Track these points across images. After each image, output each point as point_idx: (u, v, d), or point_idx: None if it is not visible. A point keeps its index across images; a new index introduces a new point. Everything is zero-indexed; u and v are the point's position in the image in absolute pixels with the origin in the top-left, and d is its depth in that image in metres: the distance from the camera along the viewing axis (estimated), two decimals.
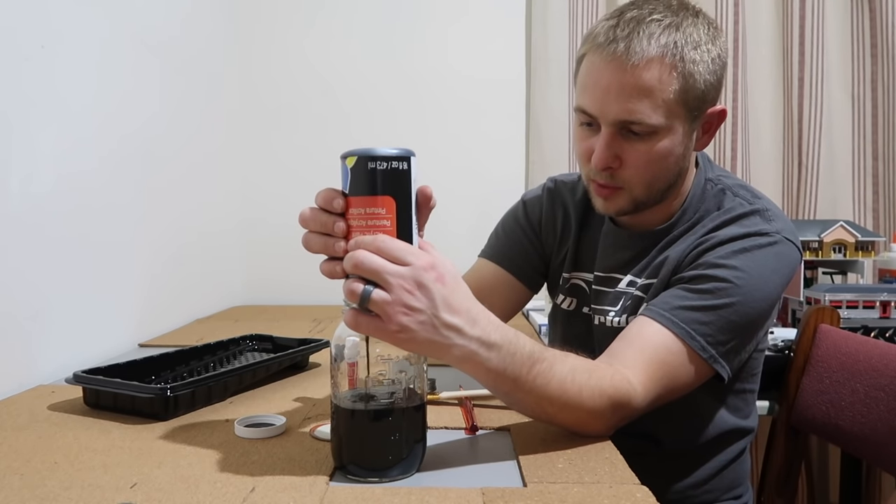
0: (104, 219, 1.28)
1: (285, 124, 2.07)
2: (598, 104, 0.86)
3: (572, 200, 1.07)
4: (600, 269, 1.01)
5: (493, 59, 2.08)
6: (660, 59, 0.83)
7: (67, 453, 0.73)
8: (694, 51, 0.84)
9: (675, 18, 0.85)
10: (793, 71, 2.05)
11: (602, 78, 0.85)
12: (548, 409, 0.72)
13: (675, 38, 0.84)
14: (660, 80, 0.83)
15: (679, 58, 0.84)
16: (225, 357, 1.13)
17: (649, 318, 0.83)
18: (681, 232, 0.94)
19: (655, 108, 0.84)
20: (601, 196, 0.93)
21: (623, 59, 0.83)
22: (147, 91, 1.47)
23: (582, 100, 0.89)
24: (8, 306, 1.02)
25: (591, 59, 0.87)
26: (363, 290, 0.61)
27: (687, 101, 0.86)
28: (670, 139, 0.87)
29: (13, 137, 1.03)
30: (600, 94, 0.86)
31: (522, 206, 1.13)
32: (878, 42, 2.02)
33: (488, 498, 0.61)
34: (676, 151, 0.89)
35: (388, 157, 0.63)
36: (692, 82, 0.85)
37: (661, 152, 0.87)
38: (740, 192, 0.94)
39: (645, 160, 0.87)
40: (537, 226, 1.10)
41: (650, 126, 0.85)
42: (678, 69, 0.84)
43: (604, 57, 0.85)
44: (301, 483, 0.65)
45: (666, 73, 0.83)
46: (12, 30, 1.03)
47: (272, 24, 2.06)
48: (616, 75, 0.84)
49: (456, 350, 0.65)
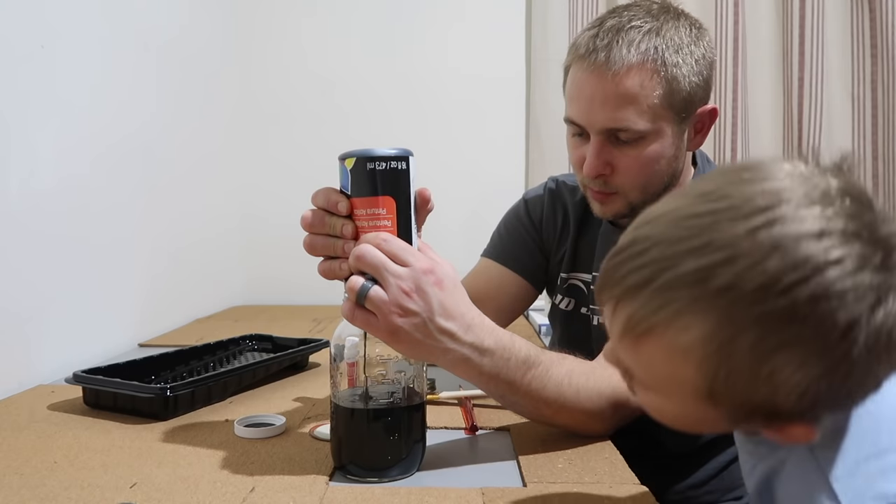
0: (104, 218, 1.28)
1: (284, 124, 2.07)
2: (584, 114, 0.87)
3: (572, 201, 1.07)
4: (598, 270, 1.01)
5: (493, 58, 2.08)
6: (640, 66, 0.83)
7: (67, 453, 0.73)
8: (676, 54, 0.84)
9: (655, 23, 0.85)
10: (793, 71, 2.05)
11: (586, 88, 0.86)
12: (545, 412, 0.73)
13: (656, 44, 0.84)
14: (642, 85, 0.83)
15: (661, 62, 0.84)
16: (225, 357, 1.13)
17: None
18: None
19: (641, 113, 0.84)
20: (598, 201, 0.94)
21: (604, 69, 0.83)
22: (146, 91, 1.47)
23: (570, 111, 0.90)
24: (8, 306, 1.02)
25: (574, 71, 0.88)
26: (361, 285, 0.61)
27: (673, 104, 0.86)
28: (660, 143, 0.87)
29: (12, 137, 1.03)
30: (585, 104, 0.86)
31: (524, 205, 1.13)
32: (878, 42, 2.02)
33: (488, 498, 0.61)
34: (667, 154, 0.89)
35: (387, 158, 0.63)
36: (676, 85, 0.85)
37: (652, 156, 0.88)
38: None
39: (636, 165, 0.88)
40: (539, 224, 1.10)
41: (637, 132, 0.85)
42: (660, 73, 0.84)
43: (585, 67, 0.85)
44: (301, 483, 0.65)
45: (648, 78, 0.83)
46: (12, 30, 1.03)
47: (271, 23, 2.06)
48: (599, 85, 0.84)
49: (449, 355, 0.65)
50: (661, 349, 0.46)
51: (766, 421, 0.47)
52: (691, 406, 0.48)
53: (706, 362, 0.44)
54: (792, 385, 0.43)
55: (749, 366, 0.43)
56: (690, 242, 0.44)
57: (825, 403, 0.45)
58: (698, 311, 0.43)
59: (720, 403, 0.46)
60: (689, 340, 0.44)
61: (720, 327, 0.43)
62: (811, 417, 0.46)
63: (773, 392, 0.44)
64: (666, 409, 0.51)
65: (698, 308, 0.43)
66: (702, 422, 0.51)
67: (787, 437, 0.47)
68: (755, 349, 0.43)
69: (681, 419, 0.51)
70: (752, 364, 0.43)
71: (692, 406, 0.47)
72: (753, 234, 0.42)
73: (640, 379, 0.51)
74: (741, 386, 0.44)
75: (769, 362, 0.43)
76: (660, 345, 0.46)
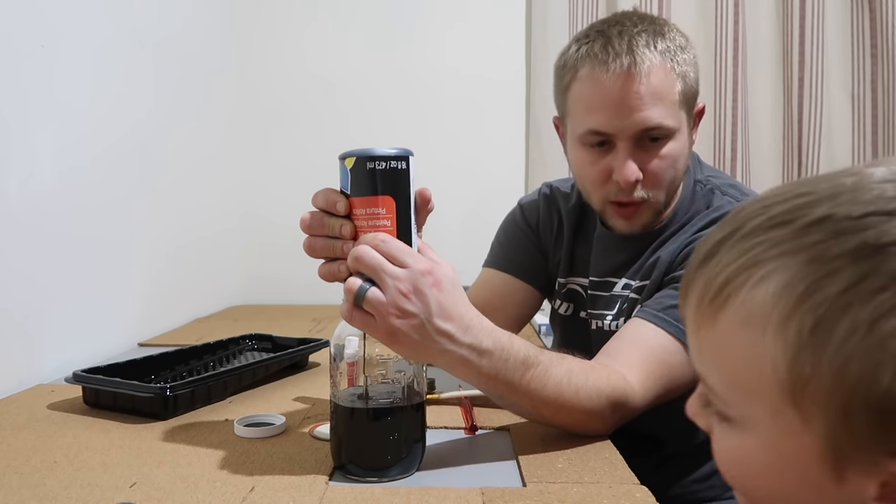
0: (103, 218, 1.28)
1: (284, 123, 2.07)
2: (614, 119, 0.86)
3: (566, 207, 1.08)
4: (595, 274, 1.02)
5: (493, 58, 2.08)
6: (662, 65, 0.86)
7: (67, 452, 0.73)
8: (683, 53, 0.88)
9: (654, 27, 0.88)
10: (793, 71, 2.05)
11: (614, 93, 0.85)
12: (544, 412, 0.73)
13: (667, 44, 0.87)
14: (666, 83, 0.86)
15: (676, 61, 0.87)
16: (224, 356, 1.13)
17: (643, 320, 0.84)
18: (671, 233, 0.95)
19: (668, 111, 0.86)
20: (623, 216, 0.92)
21: (633, 70, 0.84)
22: (145, 90, 1.47)
23: (593, 121, 0.88)
24: (8, 305, 1.02)
25: (592, 80, 0.87)
26: (359, 287, 0.61)
27: (687, 101, 0.89)
28: (681, 140, 0.90)
29: (12, 137, 1.03)
30: (615, 109, 0.86)
31: (520, 210, 1.13)
32: (878, 42, 2.02)
33: (488, 498, 0.61)
34: (685, 152, 0.91)
35: (387, 157, 0.63)
36: (688, 82, 0.89)
37: (675, 154, 0.89)
38: (729, 191, 0.96)
39: (664, 165, 0.89)
40: (536, 227, 1.10)
41: (668, 129, 0.87)
42: (676, 71, 0.87)
43: (610, 74, 0.85)
44: (300, 483, 0.65)
45: (669, 76, 0.86)
46: (12, 29, 1.03)
47: (271, 22, 2.06)
48: (628, 86, 0.85)
49: (447, 356, 0.65)
50: (737, 319, 0.35)
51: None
52: (776, 429, 0.35)
53: (786, 323, 0.33)
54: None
55: (845, 323, 0.31)
56: (783, 195, 0.36)
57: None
58: (782, 255, 0.34)
59: (812, 402, 0.33)
60: (768, 294, 0.34)
61: (806, 269, 0.33)
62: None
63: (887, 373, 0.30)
64: (747, 450, 0.37)
65: (782, 250, 0.34)
66: (797, 468, 0.35)
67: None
68: (846, 295, 0.31)
69: (768, 468, 0.36)
70: (849, 318, 0.31)
71: (777, 428, 0.35)
72: (860, 178, 0.34)
73: (716, 392, 0.38)
74: (836, 360, 0.31)
75: (870, 314, 0.30)
76: (737, 313, 0.35)
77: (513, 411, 0.76)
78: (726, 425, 0.38)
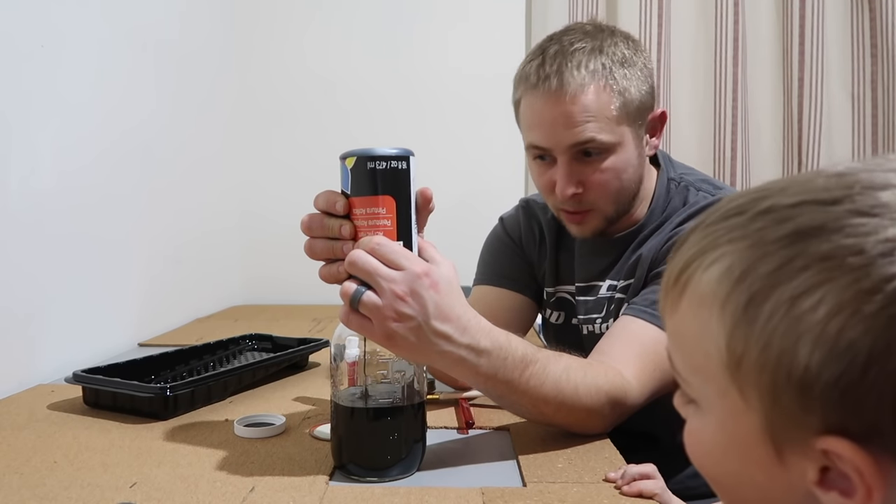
0: (104, 217, 1.28)
1: (285, 123, 2.06)
2: (548, 137, 0.89)
3: (545, 218, 1.09)
4: (580, 280, 1.03)
5: (494, 58, 2.07)
6: (593, 84, 0.86)
7: (67, 452, 0.73)
8: (622, 68, 0.88)
9: (595, 42, 0.88)
10: (793, 71, 2.04)
11: (546, 114, 0.88)
12: (544, 410, 0.73)
13: (602, 61, 0.87)
14: (598, 101, 0.86)
15: (611, 78, 0.87)
16: (224, 357, 1.13)
17: (632, 316, 0.85)
18: (651, 230, 0.97)
19: (602, 127, 0.87)
20: (574, 222, 0.95)
21: (560, 93, 0.86)
22: (146, 90, 1.47)
23: (532, 137, 0.91)
24: (8, 305, 1.02)
25: (529, 101, 0.90)
26: (354, 291, 0.61)
27: (629, 115, 0.89)
28: (625, 153, 0.90)
29: (13, 136, 1.03)
30: (548, 128, 0.88)
31: (501, 225, 1.15)
32: (878, 42, 2.02)
33: (488, 498, 0.61)
34: (633, 162, 0.92)
35: (388, 157, 0.63)
36: (629, 96, 0.88)
37: (620, 166, 0.90)
38: (702, 186, 0.97)
39: (606, 178, 0.90)
40: (519, 240, 1.11)
41: (603, 143, 0.88)
42: (613, 88, 0.87)
43: (540, 95, 0.87)
44: (301, 483, 0.65)
45: (603, 94, 0.87)
46: (12, 29, 1.03)
47: (271, 22, 2.06)
48: (558, 108, 0.86)
49: (446, 357, 0.65)
50: (693, 302, 0.37)
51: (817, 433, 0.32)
52: (723, 409, 0.36)
53: (726, 303, 0.35)
54: (826, 337, 0.31)
55: (771, 301, 0.32)
56: (749, 191, 0.37)
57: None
58: (731, 241, 0.35)
59: (746, 380, 0.34)
60: (714, 277, 0.35)
61: (747, 253, 0.34)
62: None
63: (802, 353, 0.31)
64: (705, 431, 0.38)
65: (731, 237, 0.35)
66: (743, 447, 0.36)
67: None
68: (775, 274, 0.33)
69: (720, 449, 0.38)
70: (775, 296, 0.32)
71: (724, 408, 0.36)
72: (813, 175, 0.35)
73: (681, 375, 0.40)
74: (763, 336, 0.33)
75: (792, 292, 0.32)
76: (692, 297, 0.37)
77: (513, 412, 0.76)
78: (692, 408, 0.40)
